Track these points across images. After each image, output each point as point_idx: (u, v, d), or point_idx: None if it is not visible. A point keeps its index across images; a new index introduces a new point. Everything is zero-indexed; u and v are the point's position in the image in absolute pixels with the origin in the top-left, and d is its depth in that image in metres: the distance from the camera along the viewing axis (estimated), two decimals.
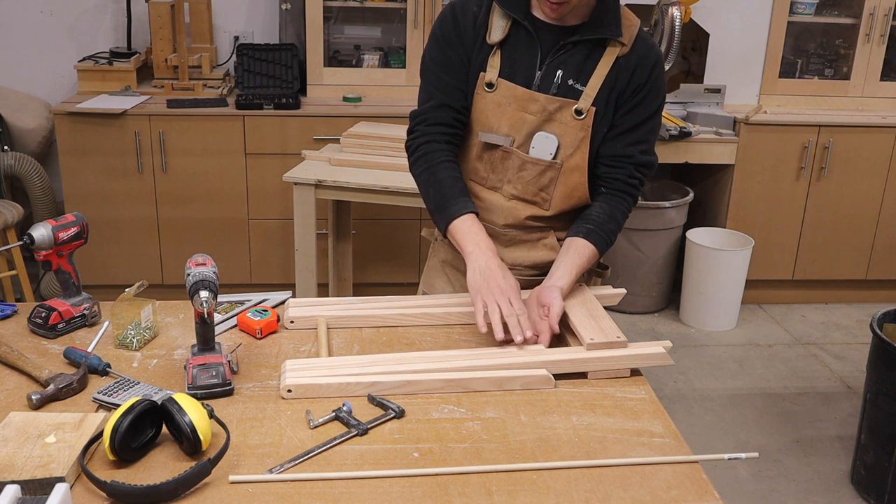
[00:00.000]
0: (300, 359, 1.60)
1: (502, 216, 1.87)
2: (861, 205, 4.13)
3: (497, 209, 1.87)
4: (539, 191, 1.84)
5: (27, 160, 3.86)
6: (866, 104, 4.31)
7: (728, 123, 4.01)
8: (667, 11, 3.76)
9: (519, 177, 1.83)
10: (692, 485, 1.30)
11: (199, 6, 4.00)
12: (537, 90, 1.78)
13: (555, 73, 1.77)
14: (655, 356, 1.61)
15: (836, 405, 3.41)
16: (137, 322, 1.67)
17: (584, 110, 1.77)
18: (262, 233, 3.86)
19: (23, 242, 1.67)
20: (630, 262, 4.10)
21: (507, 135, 1.81)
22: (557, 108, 1.78)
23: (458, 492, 1.26)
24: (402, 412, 1.45)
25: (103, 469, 1.28)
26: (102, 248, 3.72)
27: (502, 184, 1.85)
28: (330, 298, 1.88)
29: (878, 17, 4.15)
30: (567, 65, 1.77)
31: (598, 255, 1.82)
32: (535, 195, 1.84)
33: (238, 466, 1.30)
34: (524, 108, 1.78)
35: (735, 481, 2.88)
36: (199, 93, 3.89)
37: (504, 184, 1.85)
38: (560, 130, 1.79)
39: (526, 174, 1.82)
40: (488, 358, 1.59)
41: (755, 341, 3.95)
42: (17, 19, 4.09)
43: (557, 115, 1.78)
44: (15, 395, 1.47)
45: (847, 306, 4.34)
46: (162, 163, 3.70)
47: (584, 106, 1.77)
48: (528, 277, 1.89)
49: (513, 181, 1.84)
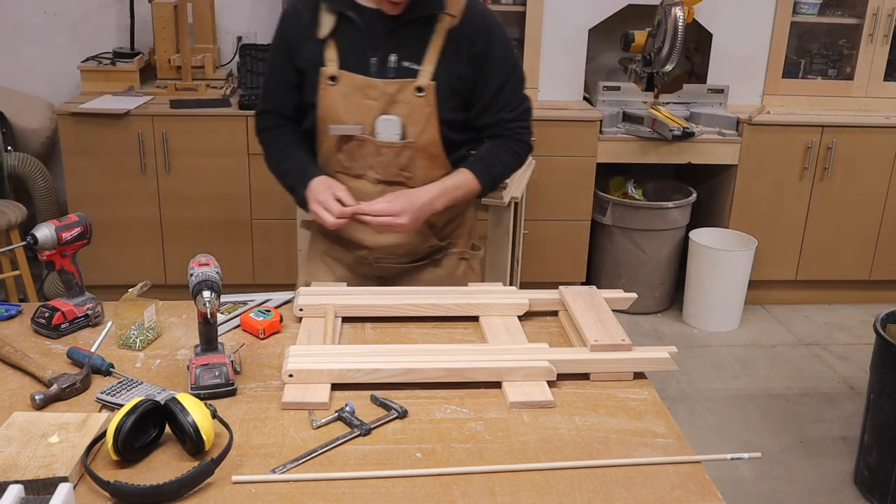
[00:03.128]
0: (303, 345, 1.61)
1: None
2: (864, 205, 4.13)
3: (365, 195, 1.88)
4: (400, 171, 1.88)
5: (30, 160, 3.87)
6: (870, 104, 4.30)
7: (731, 124, 4.01)
8: (670, 12, 3.76)
9: (378, 161, 1.87)
10: (695, 485, 1.29)
11: (203, 7, 4.00)
12: (376, 76, 1.82)
13: (388, 57, 1.81)
14: (660, 361, 1.61)
15: (839, 406, 3.41)
16: (140, 322, 1.67)
17: (425, 86, 1.81)
18: (265, 233, 3.87)
19: (26, 243, 1.68)
20: (633, 263, 4.10)
21: (357, 123, 1.84)
22: (397, 90, 1.82)
23: (460, 492, 1.26)
24: (405, 412, 1.45)
25: (106, 469, 1.28)
26: (106, 248, 3.72)
27: (365, 170, 1.89)
28: (340, 287, 1.89)
29: (882, 18, 4.15)
30: (400, 47, 1.81)
31: (477, 182, 1.88)
32: (398, 175, 1.88)
33: (241, 466, 1.30)
34: (366, 94, 1.82)
35: (738, 482, 2.88)
36: (202, 93, 3.89)
37: (367, 170, 1.89)
38: (405, 111, 1.83)
39: (384, 158, 1.86)
40: (490, 353, 1.60)
41: (758, 342, 3.95)
42: (21, 20, 4.09)
43: (399, 95, 1.82)
44: (18, 395, 1.48)
45: (850, 307, 4.33)
46: (165, 163, 3.70)
47: (424, 82, 1.81)
48: (403, 265, 1.97)
49: (374, 166, 1.88)
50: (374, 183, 1.89)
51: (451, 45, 1.81)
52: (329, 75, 1.83)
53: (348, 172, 1.90)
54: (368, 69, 1.82)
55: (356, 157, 1.88)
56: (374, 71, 1.82)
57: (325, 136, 1.89)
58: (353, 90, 1.82)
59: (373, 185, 1.89)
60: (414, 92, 1.82)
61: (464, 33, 1.82)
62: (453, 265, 2.03)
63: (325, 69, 1.83)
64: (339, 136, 1.86)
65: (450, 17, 1.80)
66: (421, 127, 1.84)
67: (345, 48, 1.83)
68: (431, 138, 1.86)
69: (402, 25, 1.80)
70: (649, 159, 3.97)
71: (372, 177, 1.89)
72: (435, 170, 1.90)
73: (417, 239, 1.95)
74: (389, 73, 1.82)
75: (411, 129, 1.84)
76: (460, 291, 1.86)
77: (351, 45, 1.83)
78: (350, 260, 2.00)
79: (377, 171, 1.88)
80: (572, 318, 1.74)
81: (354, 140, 1.85)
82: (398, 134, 1.84)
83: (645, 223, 4.01)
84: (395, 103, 1.83)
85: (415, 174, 1.88)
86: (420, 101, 1.82)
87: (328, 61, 1.83)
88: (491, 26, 1.86)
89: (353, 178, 1.90)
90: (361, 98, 1.83)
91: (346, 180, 1.89)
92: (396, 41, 1.81)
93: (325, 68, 1.83)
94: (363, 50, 1.82)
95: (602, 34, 4.20)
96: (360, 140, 1.85)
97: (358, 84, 1.82)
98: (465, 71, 1.84)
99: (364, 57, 1.82)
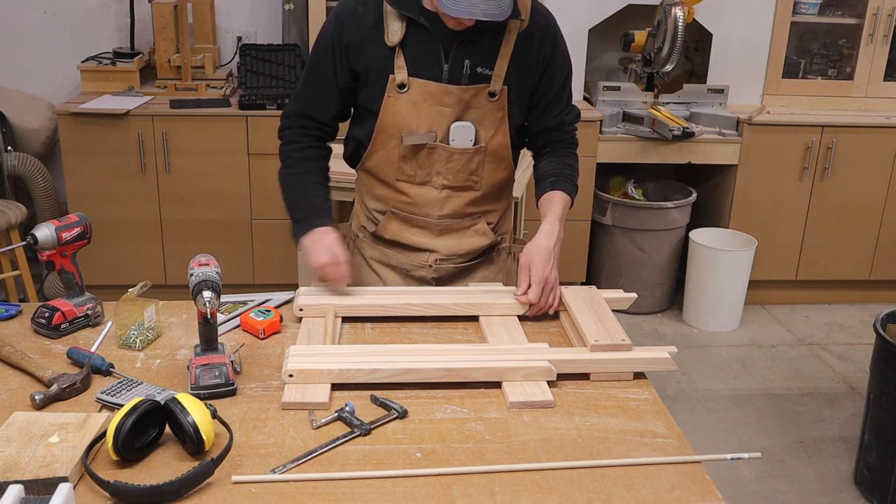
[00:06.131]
0: (303, 345, 1.61)
1: (437, 207, 1.90)
2: (864, 205, 4.13)
3: (430, 202, 1.89)
4: (469, 175, 1.88)
5: (31, 160, 3.87)
6: (870, 104, 4.30)
7: (731, 124, 4.01)
8: (670, 12, 3.75)
9: (448, 168, 1.86)
10: (695, 485, 1.29)
11: (203, 6, 4.00)
12: (450, 83, 1.80)
13: (462, 63, 1.79)
14: (660, 361, 1.61)
15: (839, 406, 3.41)
16: (141, 322, 1.67)
17: (497, 91, 1.82)
18: (265, 233, 3.87)
19: (26, 243, 1.68)
20: (633, 263, 4.10)
21: (429, 131, 1.83)
22: (472, 95, 1.81)
23: (460, 492, 1.26)
24: (405, 412, 1.45)
25: (106, 469, 1.28)
26: (106, 248, 3.72)
27: (431, 177, 1.88)
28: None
29: (882, 17, 4.15)
30: (472, 53, 1.79)
31: (570, 199, 1.92)
32: (466, 180, 1.89)
33: (241, 466, 1.30)
34: (440, 102, 1.81)
35: (738, 482, 2.88)
36: (202, 93, 3.89)
37: (433, 176, 1.88)
38: (478, 115, 1.83)
39: (454, 164, 1.86)
40: (490, 353, 1.60)
41: (758, 342, 3.95)
42: (21, 20, 4.09)
43: (473, 101, 1.82)
44: (18, 395, 1.48)
45: (850, 307, 4.33)
46: (165, 163, 3.70)
47: (497, 87, 1.81)
48: (459, 265, 1.96)
49: (442, 172, 1.87)
50: (440, 189, 1.88)
51: (520, 49, 1.81)
52: (399, 83, 1.79)
53: (412, 181, 1.88)
54: (442, 76, 1.79)
55: (423, 164, 1.86)
56: (448, 77, 1.79)
57: (385, 144, 1.86)
58: (425, 98, 1.80)
59: (438, 192, 1.88)
60: (487, 97, 1.81)
61: (532, 36, 1.81)
62: (504, 260, 2.03)
63: (394, 77, 1.79)
64: (406, 145, 1.83)
65: (520, 21, 1.78)
66: (493, 131, 1.85)
67: (415, 55, 1.79)
68: (502, 142, 1.87)
69: (474, 31, 1.76)
70: (649, 159, 3.97)
71: (438, 183, 1.88)
72: (500, 172, 1.91)
73: (482, 239, 1.96)
74: (464, 80, 1.80)
75: (483, 133, 1.84)
76: (460, 291, 1.86)
77: (422, 52, 1.79)
78: (407, 264, 1.97)
79: (445, 177, 1.87)
80: (572, 318, 1.74)
81: (425, 148, 1.84)
82: (472, 139, 1.84)
83: (645, 223, 4.01)
84: (468, 109, 1.82)
85: (482, 178, 1.89)
86: (493, 105, 1.82)
87: (397, 68, 1.79)
88: (554, 27, 1.86)
89: (417, 185, 1.88)
90: (435, 105, 1.80)
91: (407, 188, 1.89)
92: (469, 47, 1.78)
93: (395, 76, 1.79)
94: (436, 56, 1.79)
95: (602, 34, 4.20)
96: (430, 147, 1.84)
97: (432, 91, 1.79)
98: (532, 73, 1.85)
99: (437, 63, 1.79)
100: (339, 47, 1.81)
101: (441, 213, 1.90)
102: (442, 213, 1.91)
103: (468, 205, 1.92)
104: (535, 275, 1.79)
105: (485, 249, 2.00)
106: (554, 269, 1.80)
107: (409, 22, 1.77)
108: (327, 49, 1.83)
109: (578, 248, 4.07)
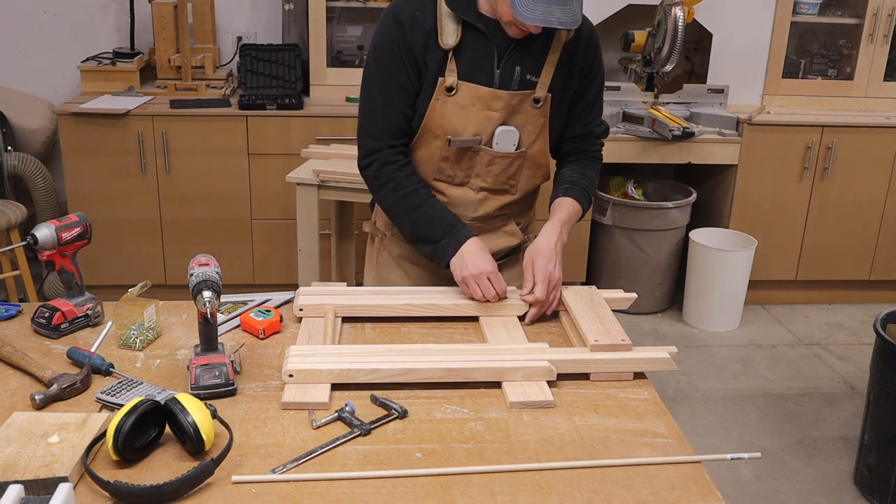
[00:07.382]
0: (303, 345, 1.61)
1: (472, 209, 1.92)
2: (864, 205, 4.13)
3: (466, 203, 1.91)
4: (507, 179, 1.90)
5: (31, 160, 3.87)
6: (870, 104, 4.30)
7: (731, 124, 4.01)
8: (670, 12, 3.75)
9: (488, 171, 1.88)
10: (695, 485, 1.29)
11: (203, 6, 4.00)
12: (500, 87, 1.81)
13: (514, 69, 1.80)
14: (660, 361, 1.61)
15: (839, 406, 3.41)
16: (140, 322, 1.67)
17: (542, 98, 1.83)
18: (265, 233, 3.86)
19: (26, 243, 1.68)
20: (633, 263, 4.10)
21: (475, 134, 1.84)
22: (519, 101, 1.82)
23: (460, 492, 1.26)
24: (405, 412, 1.45)
25: (106, 469, 1.28)
26: (106, 248, 3.72)
27: (469, 178, 1.89)
28: (340, 287, 1.88)
29: (882, 18, 4.15)
30: (524, 59, 1.80)
31: (580, 207, 1.94)
32: (504, 184, 1.91)
33: (241, 467, 1.30)
34: (489, 106, 1.82)
35: (738, 482, 2.88)
36: (202, 93, 3.89)
37: (472, 178, 1.89)
38: (521, 120, 1.85)
39: (495, 168, 1.88)
40: (490, 353, 1.60)
41: (758, 342, 3.95)
42: (21, 20, 4.09)
43: (519, 107, 1.83)
44: (18, 395, 1.48)
45: (850, 307, 4.33)
46: (165, 163, 3.70)
47: (541, 94, 1.83)
48: None
49: (481, 175, 1.88)
50: (477, 191, 1.91)
51: (565, 57, 1.83)
52: (447, 86, 1.79)
53: (451, 181, 1.90)
54: (493, 80, 1.80)
55: (463, 165, 1.87)
56: (499, 83, 1.80)
57: (427, 144, 1.86)
58: (474, 101, 1.80)
59: (475, 193, 1.91)
60: (531, 103, 1.83)
61: (577, 45, 1.84)
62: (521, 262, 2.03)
63: (443, 80, 1.79)
64: (450, 147, 1.84)
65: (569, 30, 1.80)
66: (534, 137, 1.87)
67: (468, 58, 1.79)
68: (541, 148, 1.89)
69: (528, 37, 1.77)
70: (649, 159, 3.97)
71: (476, 185, 1.90)
72: (536, 179, 1.95)
73: (511, 239, 1.99)
74: (514, 85, 1.81)
75: (525, 139, 1.86)
76: (460, 291, 1.86)
77: (476, 56, 1.79)
78: None
79: (484, 179, 1.89)
80: (572, 318, 1.74)
81: (470, 150, 1.85)
82: (514, 144, 1.86)
83: (645, 223, 4.01)
84: (514, 114, 1.83)
85: (518, 182, 1.92)
86: (536, 112, 1.84)
87: (448, 71, 1.79)
88: (596, 36, 1.89)
89: (456, 186, 1.90)
90: (483, 109, 1.81)
91: (445, 188, 1.90)
92: (521, 53, 1.79)
93: (444, 79, 1.79)
94: (488, 61, 1.79)
95: (602, 34, 4.17)
96: (474, 150, 1.85)
97: (481, 95, 1.80)
98: (574, 82, 1.87)
99: (489, 68, 1.79)
100: (405, 51, 1.79)
101: (476, 214, 1.92)
102: (476, 214, 1.92)
103: (502, 207, 1.94)
104: (539, 273, 1.79)
105: (512, 249, 2.02)
106: (558, 266, 1.81)
107: (464, 26, 1.77)
108: (395, 55, 1.79)
109: (578, 248, 4.07)
